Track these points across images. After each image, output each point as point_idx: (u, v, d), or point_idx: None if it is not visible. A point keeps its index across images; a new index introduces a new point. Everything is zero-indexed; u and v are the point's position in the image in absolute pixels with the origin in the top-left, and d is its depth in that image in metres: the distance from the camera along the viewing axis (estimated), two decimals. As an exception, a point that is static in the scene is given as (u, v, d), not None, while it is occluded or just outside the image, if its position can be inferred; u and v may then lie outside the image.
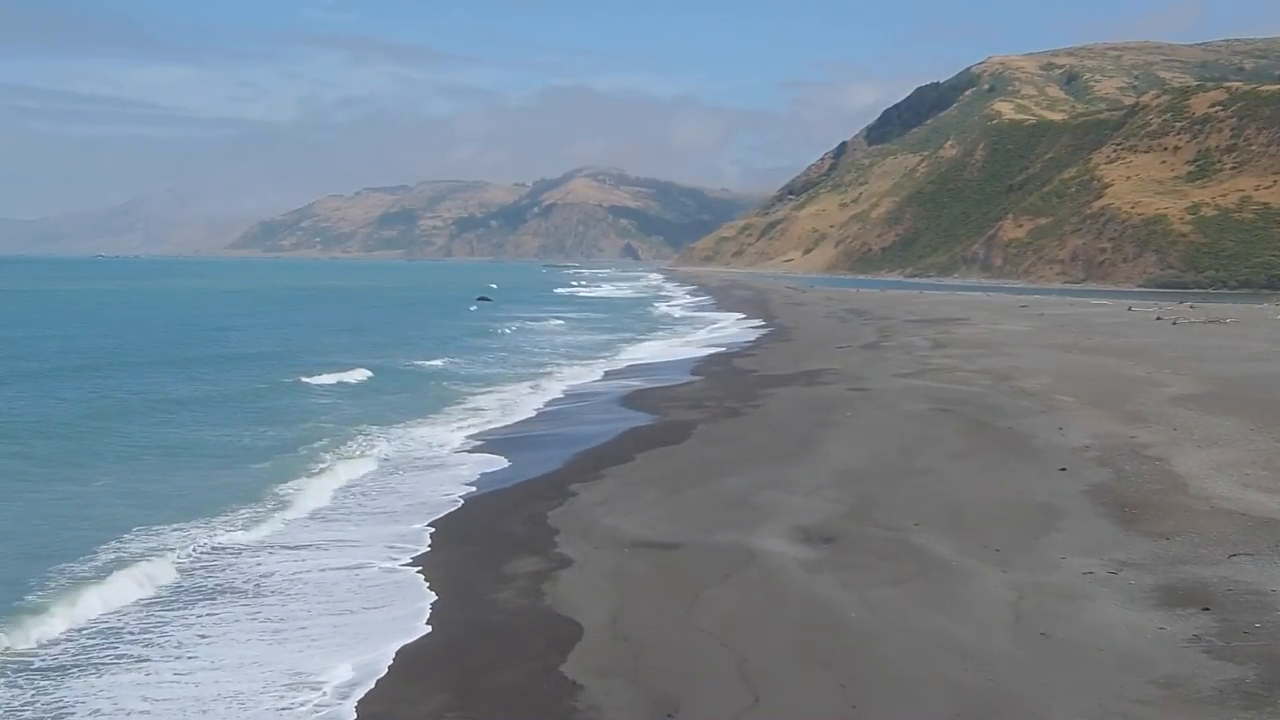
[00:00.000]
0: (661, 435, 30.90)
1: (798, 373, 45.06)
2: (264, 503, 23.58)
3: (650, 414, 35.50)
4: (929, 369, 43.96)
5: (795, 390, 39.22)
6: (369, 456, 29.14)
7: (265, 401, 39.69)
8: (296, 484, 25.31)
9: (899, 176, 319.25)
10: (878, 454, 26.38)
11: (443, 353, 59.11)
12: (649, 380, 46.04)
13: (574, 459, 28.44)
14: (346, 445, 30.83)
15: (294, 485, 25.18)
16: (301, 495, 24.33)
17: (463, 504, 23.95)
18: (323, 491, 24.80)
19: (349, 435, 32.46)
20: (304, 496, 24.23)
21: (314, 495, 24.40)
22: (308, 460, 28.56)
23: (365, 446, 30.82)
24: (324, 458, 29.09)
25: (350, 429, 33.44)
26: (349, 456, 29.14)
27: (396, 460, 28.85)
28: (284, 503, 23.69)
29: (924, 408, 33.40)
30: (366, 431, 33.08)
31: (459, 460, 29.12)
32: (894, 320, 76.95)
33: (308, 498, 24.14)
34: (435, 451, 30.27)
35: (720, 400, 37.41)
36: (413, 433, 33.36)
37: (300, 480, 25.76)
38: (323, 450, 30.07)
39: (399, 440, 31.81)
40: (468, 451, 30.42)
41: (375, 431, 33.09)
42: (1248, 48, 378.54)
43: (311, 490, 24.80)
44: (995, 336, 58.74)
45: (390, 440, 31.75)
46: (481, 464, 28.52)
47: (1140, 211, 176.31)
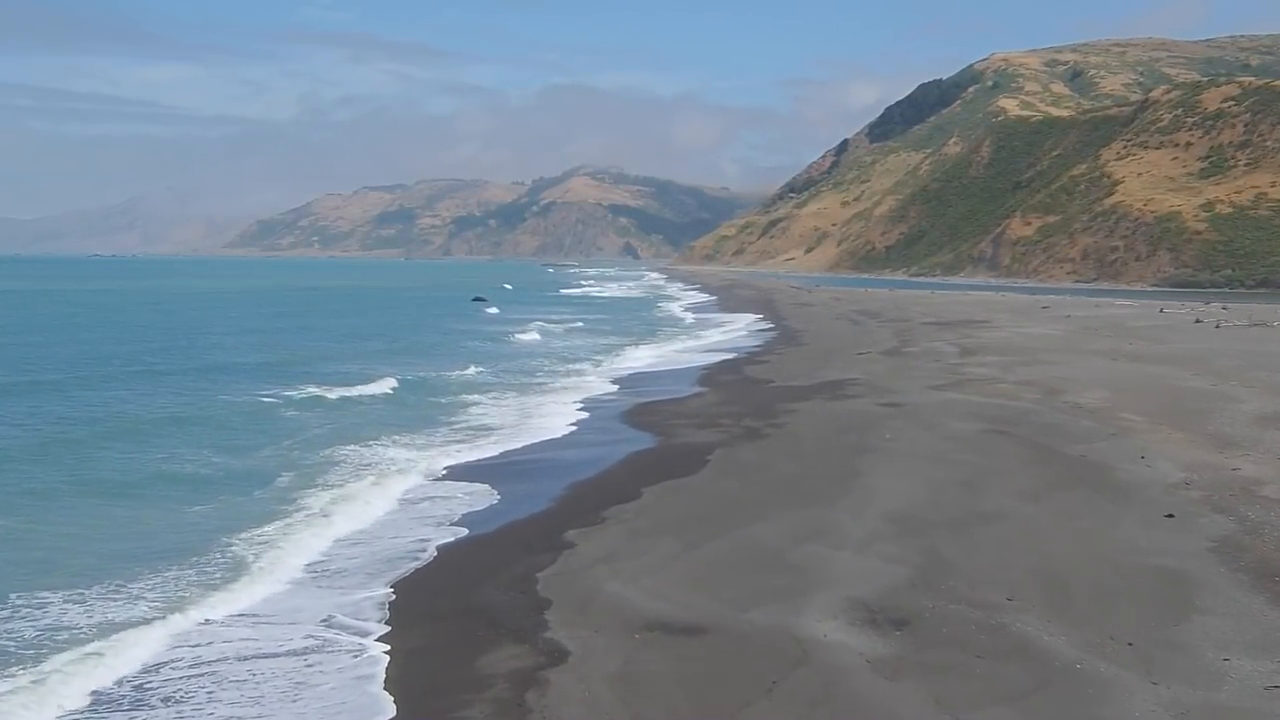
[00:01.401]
0: (672, 463, 26.58)
1: (818, 384, 40.73)
2: (200, 557, 19.31)
3: (656, 434, 31.19)
4: (965, 380, 39.61)
5: (819, 405, 34.88)
6: (332, 487, 24.83)
7: (259, 421, 35.35)
8: (245, 530, 21.03)
9: (902, 174, 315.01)
10: (934, 490, 22.05)
11: (459, 360, 54.84)
12: (653, 391, 41.72)
13: (570, 493, 24.19)
14: (311, 470, 26.54)
15: (242, 534, 20.88)
16: (243, 545, 20.08)
17: (435, 556, 19.68)
18: (273, 535, 20.54)
19: (316, 459, 28.21)
20: (244, 546, 19.99)
21: (260, 542, 20.18)
22: (263, 494, 24.30)
23: (331, 471, 26.59)
24: (280, 485, 24.93)
25: (316, 452, 29.14)
26: (313, 486, 24.85)
27: (362, 491, 24.53)
28: (218, 556, 19.42)
29: (973, 428, 29.07)
30: (336, 455, 28.78)
31: (438, 492, 24.82)
32: (910, 323, 72.60)
33: (247, 547, 19.89)
34: (413, 481, 25.94)
35: (736, 417, 33.07)
36: (390, 456, 29.08)
37: (252, 524, 21.48)
38: (279, 477, 25.86)
39: (371, 467, 27.48)
40: (450, 480, 26.15)
41: (346, 454, 28.78)
42: (1253, 44, 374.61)
43: (262, 535, 20.58)
44: (1026, 341, 54.41)
45: (360, 467, 27.44)
46: (464, 498, 24.25)
47: (1153, 209, 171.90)
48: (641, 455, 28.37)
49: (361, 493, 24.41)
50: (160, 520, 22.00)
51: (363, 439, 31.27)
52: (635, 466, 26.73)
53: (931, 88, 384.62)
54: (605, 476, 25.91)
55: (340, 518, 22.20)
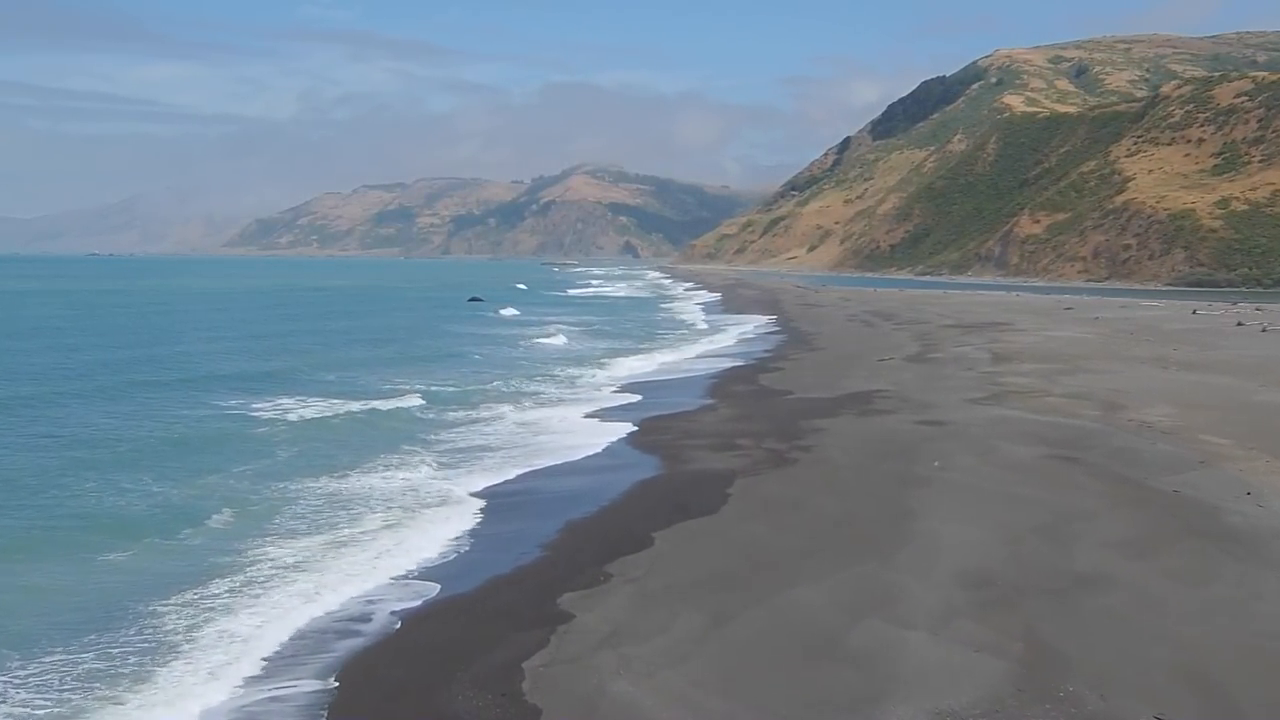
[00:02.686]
0: (686, 496, 22.64)
1: (843, 395, 36.75)
2: (85, 634, 15.37)
3: (666, 458, 27.22)
4: (1006, 391, 35.63)
5: (849, 423, 30.91)
6: (273, 534, 20.87)
7: (226, 442, 31.36)
8: (156, 595, 17.10)
9: (905, 171, 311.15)
10: (1011, 540, 18.08)
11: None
12: (661, 404, 37.73)
13: (567, 537, 20.26)
14: (260, 508, 22.58)
15: (151, 600, 16.95)
16: (143, 618, 16.15)
17: (396, 628, 15.73)
18: (187, 603, 16.61)
19: (270, 492, 24.28)
20: (145, 620, 16.05)
21: (168, 611, 16.26)
22: (193, 540, 20.38)
23: (284, 510, 22.67)
24: (214, 527, 21.03)
25: (274, 484, 25.17)
26: (255, 533, 20.90)
27: (312, 534, 20.60)
28: (102, 634, 15.48)
29: (1034, 454, 25.10)
30: (297, 488, 24.84)
31: (408, 534, 20.86)
32: (929, 325, 68.61)
33: (146, 622, 15.96)
34: (377, 522, 22.00)
35: (756, 438, 29.09)
36: (363, 486, 25.16)
37: (168, 586, 17.55)
38: (217, 515, 21.94)
39: (339, 503, 23.54)
40: (425, 518, 22.19)
41: (311, 486, 24.82)
42: (1260, 40, 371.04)
43: (175, 602, 16.65)
44: (1060, 346, 50.43)
45: (327, 501, 23.49)
46: (439, 543, 20.30)
47: (1166, 206, 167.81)
48: (650, 485, 24.43)
49: (310, 536, 20.48)
50: (57, 577, 18.00)
51: (338, 467, 27.33)
52: (643, 500, 22.79)
53: (934, 85, 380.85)
54: (609, 514, 21.97)
55: (275, 570, 18.25)
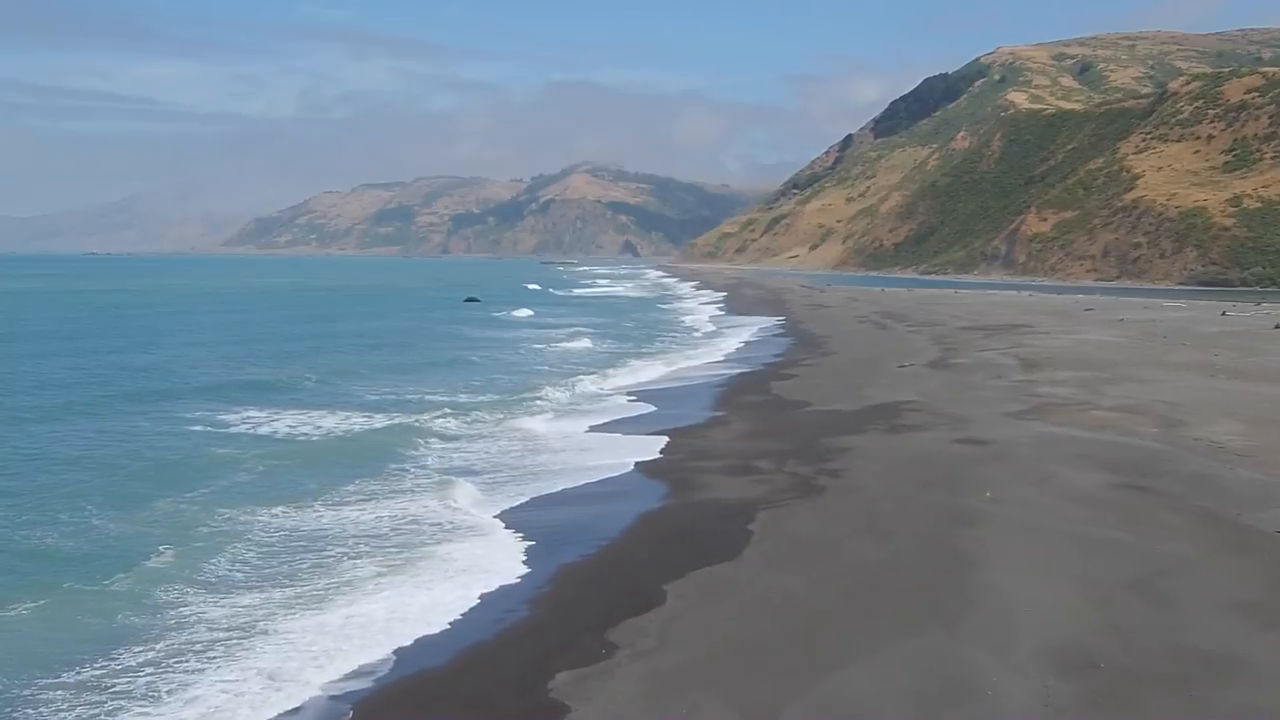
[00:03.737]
0: (700, 534, 19.48)
1: (867, 408, 33.54)
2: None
3: (677, 484, 24.04)
4: (1047, 404, 32.38)
5: (878, 441, 27.69)
6: (203, 585, 17.68)
7: (199, 465, 28.17)
8: (62, 658, 13.93)
9: (908, 169, 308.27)
10: (1101, 600, 14.88)
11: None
12: (668, 415, 34.56)
13: (560, 588, 17.12)
14: (201, 545, 19.41)
15: (54, 663, 13.78)
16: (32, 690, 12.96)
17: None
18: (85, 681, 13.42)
19: (216, 525, 21.12)
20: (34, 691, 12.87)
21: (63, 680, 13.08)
22: (120, 586, 17.21)
23: (226, 549, 19.53)
24: (150, 569, 17.91)
25: (220, 513, 21.98)
26: (180, 581, 17.72)
27: (269, 569, 17.48)
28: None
29: (1098, 481, 21.88)
30: (245, 520, 21.68)
31: (367, 592, 17.66)
32: (945, 327, 65.36)
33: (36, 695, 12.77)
34: (354, 562, 18.88)
35: (776, 459, 25.87)
36: (328, 519, 22.03)
37: (80, 646, 14.38)
38: (155, 554, 18.81)
39: (289, 539, 20.39)
40: (408, 549, 19.08)
41: (262, 519, 21.64)
42: (1264, 37, 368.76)
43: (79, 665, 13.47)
44: (1091, 352, 47.19)
45: (276, 539, 20.33)
46: (411, 596, 17.12)
47: (1177, 204, 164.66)
48: (659, 518, 21.25)
49: (259, 587, 17.29)
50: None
51: (303, 495, 24.16)
52: (650, 540, 19.60)
53: (937, 82, 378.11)
54: (612, 557, 18.81)
55: (204, 638, 15.05)
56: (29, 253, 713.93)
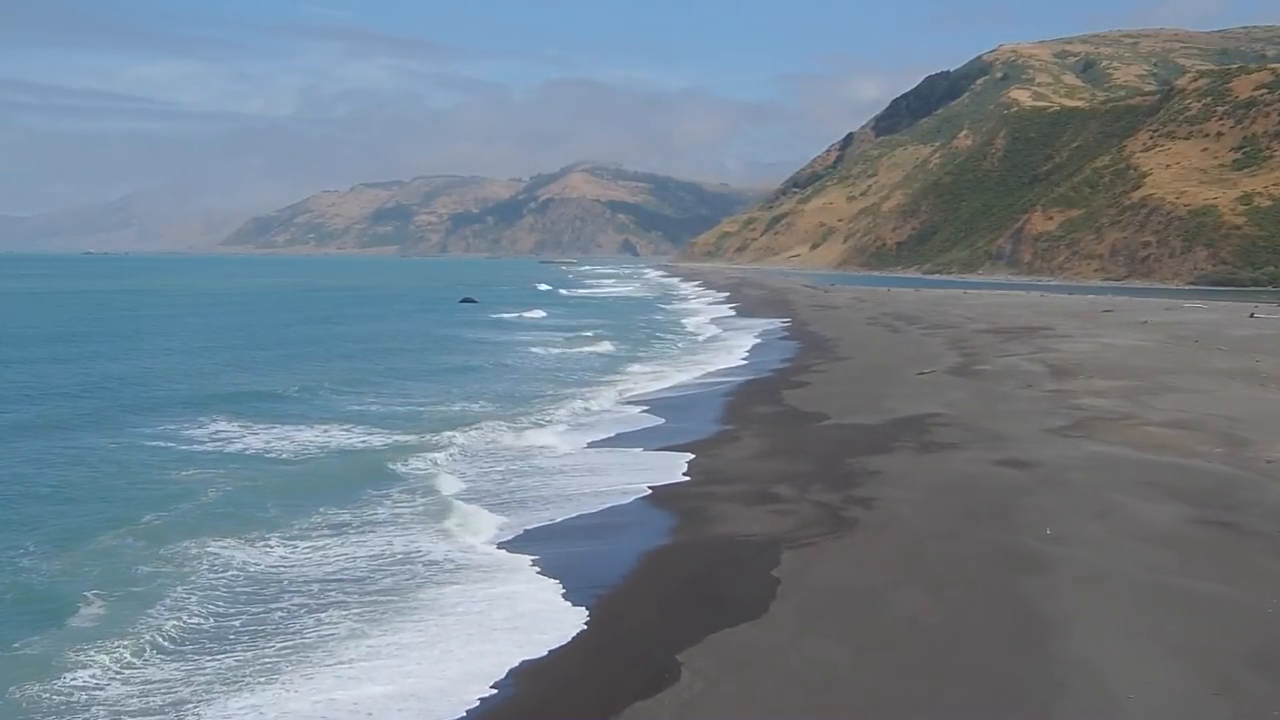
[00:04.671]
0: (717, 582, 16.71)
1: (890, 421, 30.73)
2: None
3: (686, 516, 21.24)
4: (1089, 418, 29.57)
5: (909, 462, 24.88)
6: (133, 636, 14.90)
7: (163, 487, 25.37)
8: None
9: (910, 168, 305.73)
10: (1222, 682, 12.10)
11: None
12: (674, 430, 31.76)
13: (546, 664, 14.26)
14: (136, 590, 16.63)
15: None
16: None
17: None
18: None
19: (151, 563, 18.35)
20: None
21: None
22: (37, 647, 14.42)
23: (177, 582, 16.77)
24: (76, 628, 15.13)
25: (163, 549, 19.19)
26: (102, 637, 14.95)
27: (219, 627, 14.71)
28: None
29: (1171, 515, 19.10)
30: (199, 558, 18.90)
31: (345, 648, 14.91)
32: (959, 330, 62.59)
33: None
34: (321, 626, 16.15)
35: (797, 483, 23.07)
36: (287, 557, 19.31)
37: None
38: (84, 606, 16.05)
39: (249, 585, 17.63)
40: (371, 600, 16.31)
41: (229, 554, 18.86)
42: (1268, 34, 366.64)
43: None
44: (1122, 357, 44.41)
45: (219, 579, 17.56)
46: (376, 669, 14.35)
47: (1186, 202, 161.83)
48: (666, 560, 18.46)
49: (199, 654, 14.50)
50: None
51: (264, 527, 21.41)
52: (659, 590, 16.81)
53: (939, 80, 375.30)
54: (612, 614, 16.00)
55: None
56: (26, 252, 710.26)
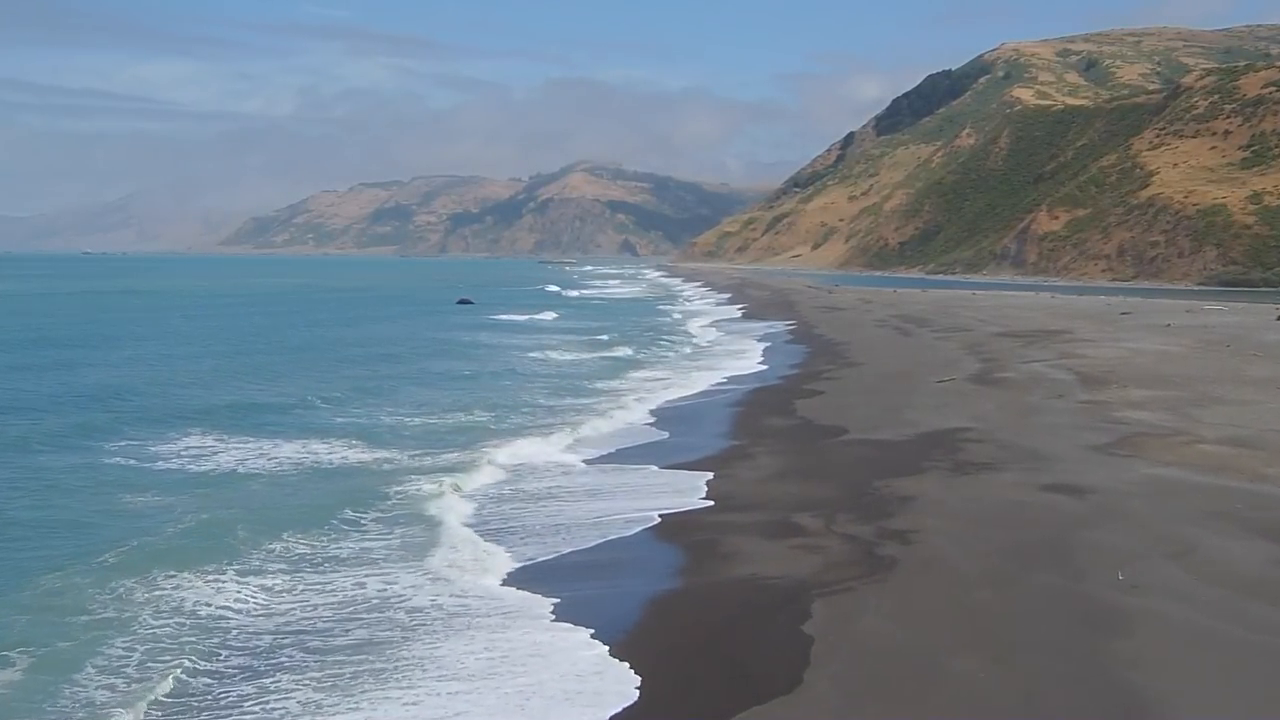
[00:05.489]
0: (742, 645, 14.26)
1: (916, 436, 28.26)
2: None
3: (699, 552, 18.79)
4: (1135, 434, 27.06)
5: (943, 485, 22.41)
6: None
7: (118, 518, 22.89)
8: None
9: (912, 167, 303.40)
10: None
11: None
12: (682, 445, 29.29)
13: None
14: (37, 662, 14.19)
15: None
16: None
17: None
18: None
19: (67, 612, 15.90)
20: None
21: None
22: None
23: (120, 634, 14.30)
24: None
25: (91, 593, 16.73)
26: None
27: None
28: None
29: (1258, 554, 16.66)
30: (150, 602, 16.44)
31: None
32: (974, 333, 60.12)
33: None
34: (270, 697, 13.68)
35: (821, 511, 20.60)
36: (237, 601, 16.82)
37: None
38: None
39: (191, 637, 15.17)
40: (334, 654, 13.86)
41: (184, 594, 16.39)
42: (1272, 33, 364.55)
43: None
44: (1153, 364, 41.93)
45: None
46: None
47: (1195, 201, 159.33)
48: (676, 611, 16.00)
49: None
50: None
51: (224, 560, 18.98)
52: (670, 653, 14.31)
53: (940, 79, 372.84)
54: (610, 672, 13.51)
55: None
56: (24, 252, 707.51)
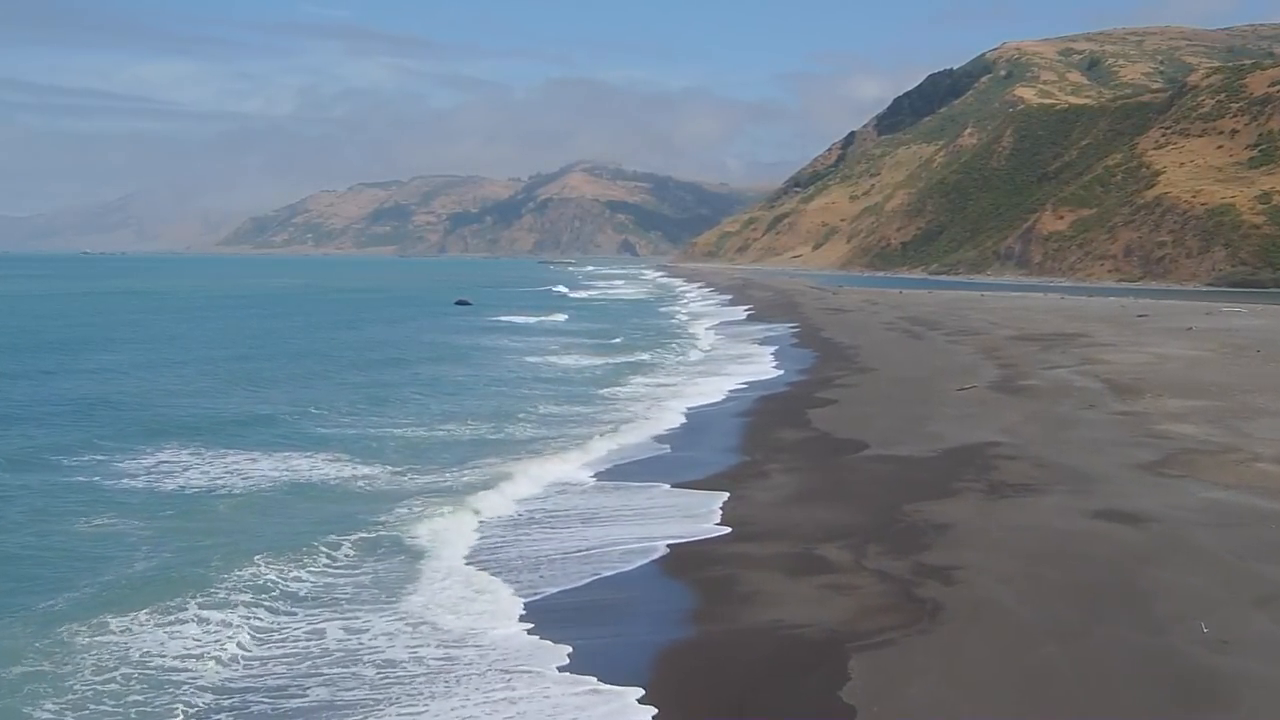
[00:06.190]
0: (772, 715, 12.05)
1: (943, 452, 26.11)
2: None
3: (711, 592, 16.66)
4: (1183, 450, 24.90)
5: (982, 511, 20.27)
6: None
7: None
8: None
9: (914, 166, 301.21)
10: None
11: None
12: (688, 460, 27.15)
13: None
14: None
15: None
16: None
17: None
18: None
19: None
20: None
21: None
22: None
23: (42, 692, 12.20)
24: None
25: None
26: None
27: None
28: None
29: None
30: (81, 650, 14.33)
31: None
32: (988, 336, 57.99)
33: None
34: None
35: (850, 542, 18.45)
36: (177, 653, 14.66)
37: None
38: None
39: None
40: None
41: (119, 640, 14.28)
42: (1275, 32, 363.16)
43: None
44: (1184, 370, 39.81)
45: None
46: None
47: (1203, 201, 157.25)
48: (688, 667, 13.87)
49: None
50: None
51: (187, 594, 16.85)
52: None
53: (942, 78, 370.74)
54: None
55: None
56: (24, 252, 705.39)
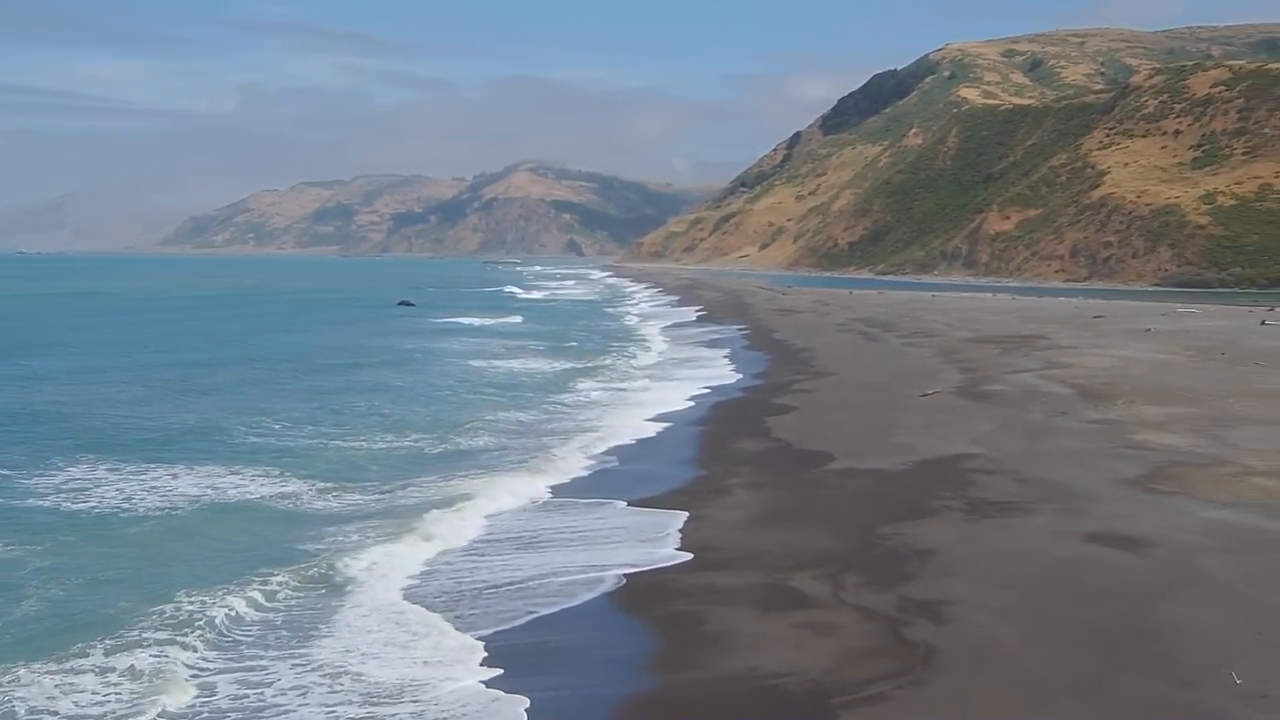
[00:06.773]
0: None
1: (915, 465, 24.45)
2: None
3: (674, 634, 14.81)
4: (1170, 463, 23.39)
5: (965, 533, 18.57)
6: None
7: None
8: None
9: (859, 167, 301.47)
10: None
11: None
12: (639, 474, 25.29)
13: None
14: None
15: None
16: None
17: None
18: None
19: None
20: None
21: None
22: None
23: None
24: None
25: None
26: None
27: None
28: None
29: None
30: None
31: None
32: (945, 338, 56.65)
33: None
34: None
35: (826, 571, 16.67)
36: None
37: None
38: None
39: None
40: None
41: None
42: (1213, 34, 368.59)
43: None
44: (1152, 374, 38.51)
45: None
46: None
47: (1148, 201, 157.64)
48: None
49: None
50: None
51: (87, 635, 14.76)
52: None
53: (886, 78, 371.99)
54: None
55: None
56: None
